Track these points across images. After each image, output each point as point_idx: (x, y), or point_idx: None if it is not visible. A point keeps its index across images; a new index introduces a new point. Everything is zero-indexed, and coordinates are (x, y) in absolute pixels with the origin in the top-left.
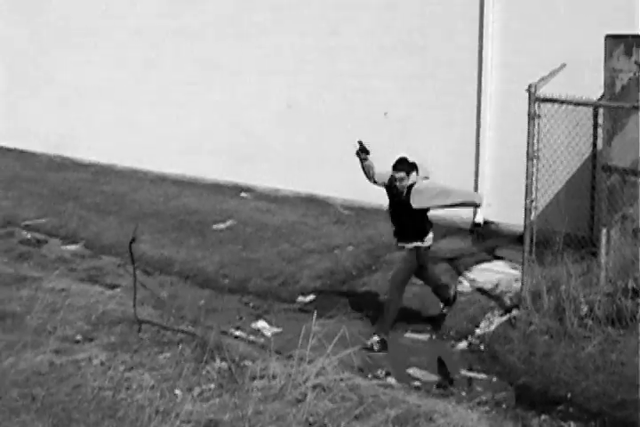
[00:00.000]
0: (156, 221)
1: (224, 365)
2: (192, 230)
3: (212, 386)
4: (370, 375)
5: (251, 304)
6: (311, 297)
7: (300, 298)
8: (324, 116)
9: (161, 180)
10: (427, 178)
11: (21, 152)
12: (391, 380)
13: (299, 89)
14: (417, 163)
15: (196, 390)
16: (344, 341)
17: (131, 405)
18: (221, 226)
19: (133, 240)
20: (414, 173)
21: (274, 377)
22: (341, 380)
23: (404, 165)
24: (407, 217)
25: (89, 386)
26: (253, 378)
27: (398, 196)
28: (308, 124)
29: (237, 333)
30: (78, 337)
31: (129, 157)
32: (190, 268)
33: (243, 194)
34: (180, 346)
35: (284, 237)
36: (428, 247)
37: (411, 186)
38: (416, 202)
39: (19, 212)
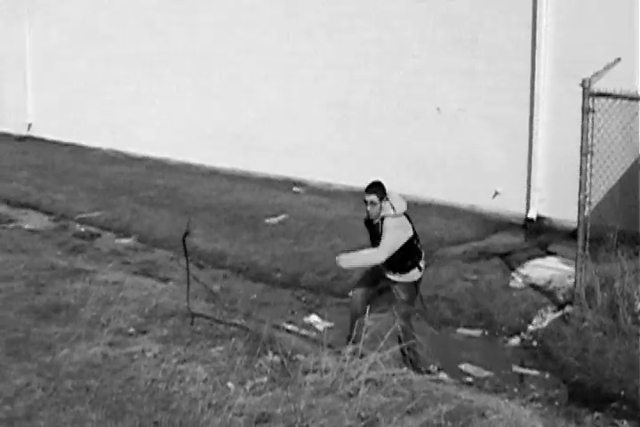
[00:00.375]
0: (208, 215)
1: (276, 358)
2: (245, 224)
3: (265, 380)
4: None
5: (303, 298)
6: None
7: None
8: (376, 110)
9: (213, 174)
10: (403, 214)
11: (76, 146)
12: (443, 375)
13: (351, 84)
14: (393, 195)
15: (249, 384)
16: (396, 335)
17: (184, 397)
18: (274, 220)
19: (187, 234)
20: (389, 205)
21: (326, 371)
22: (394, 375)
23: (378, 189)
24: None
25: (142, 378)
26: (306, 372)
27: (373, 226)
28: (361, 119)
29: (289, 327)
30: (132, 330)
31: (182, 152)
32: (243, 262)
33: (295, 188)
34: (233, 339)
35: (336, 232)
36: (412, 283)
37: (384, 218)
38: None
39: (72, 205)
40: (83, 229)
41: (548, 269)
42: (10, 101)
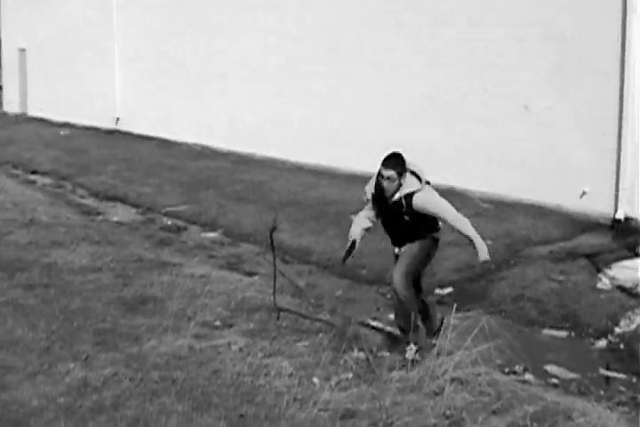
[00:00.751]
0: (294, 210)
1: (362, 355)
2: (330, 220)
3: (350, 376)
4: (507, 370)
5: (388, 295)
6: (449, 290)
7: (438, 290)
8: (462, 108)
9: (298, 169)
10: (428, 183)
11: (162, 141)
12: (529, 376)
13: (437, 81)
14: (417, 168)
15: (334, 379)
16: (483, 334)
17: (269, 391)
18: None
19: (274, 229)
20: (411, 178)
21: (412, 369)
22: (479, 374)
23: (397, 164)
24: (403, 226)
25: (228, 371)
26: (391, 369)
27: (387, 202)
28: (447, 117)
29: (375, 323)
30: (218, 323)
31: (267, 147)
32: (328, 257)
33: None
34: (319, 335)
35: None
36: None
37: (410, 195)
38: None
39: (159, 199)
40: (169, 223)
41: (635, 271)
42: (99, 96)
